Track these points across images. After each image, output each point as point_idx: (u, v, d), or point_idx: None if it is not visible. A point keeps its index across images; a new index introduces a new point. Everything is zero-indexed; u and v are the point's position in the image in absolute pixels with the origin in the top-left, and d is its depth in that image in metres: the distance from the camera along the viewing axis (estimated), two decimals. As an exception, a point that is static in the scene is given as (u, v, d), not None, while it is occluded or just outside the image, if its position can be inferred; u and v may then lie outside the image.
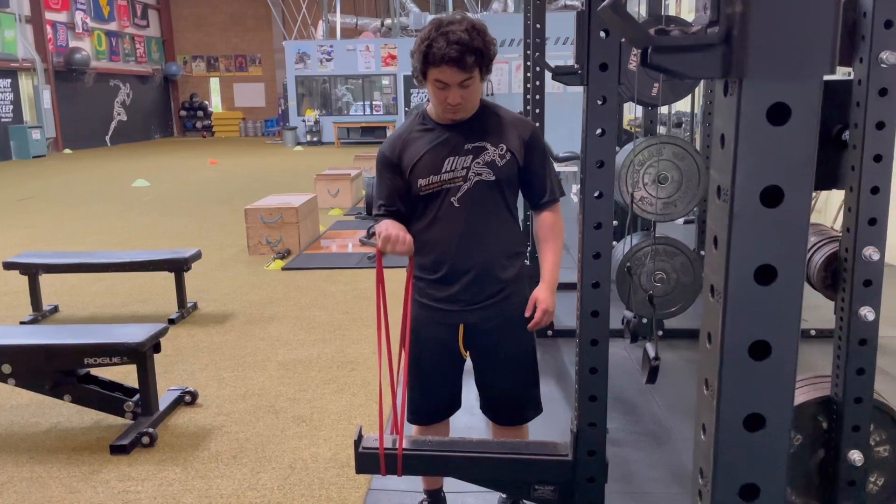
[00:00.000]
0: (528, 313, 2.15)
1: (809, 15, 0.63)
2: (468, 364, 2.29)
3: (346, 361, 4.04)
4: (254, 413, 3.43)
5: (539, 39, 4.19)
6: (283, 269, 6.31)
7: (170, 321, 4.72)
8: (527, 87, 4.48)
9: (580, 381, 1.91)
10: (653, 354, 2.75)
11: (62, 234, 8.13)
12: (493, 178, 2.07)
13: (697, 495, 0.80)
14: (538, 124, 4.25)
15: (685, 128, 8.22)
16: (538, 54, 4.01)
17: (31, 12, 19.73)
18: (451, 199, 2.08)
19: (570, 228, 2.58)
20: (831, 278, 1.89)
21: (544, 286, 2.16)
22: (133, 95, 25.21)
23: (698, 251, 5.06)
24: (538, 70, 4.28)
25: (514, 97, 11.79)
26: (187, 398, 3.54)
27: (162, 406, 3.36)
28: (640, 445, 3.08)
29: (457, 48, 1.91)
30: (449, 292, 2.14)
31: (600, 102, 1.75)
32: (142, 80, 25.90)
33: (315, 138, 21.63)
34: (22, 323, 4.80)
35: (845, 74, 1.79)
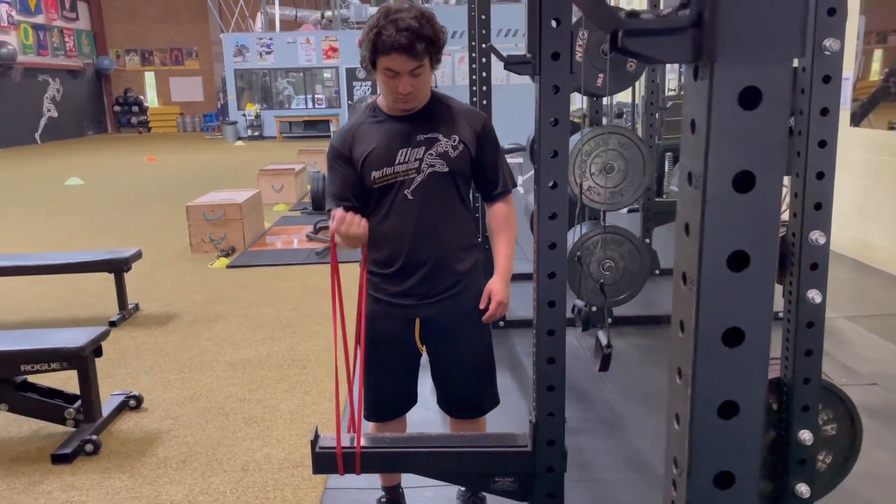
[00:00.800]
0: (482, 305, 2.14)
1: (780, -3, 0.62)
2: (423, 358, 2.26)
3: (296, 359, 3.97)
4: (202, 415, 3.34)
5: (484, 31, 4.18)
6: (228, 266, 6.18)
7: (111, 324, 4.57)
8: (472, 78, 4.47)
9: (538, 372, 1.90)
10: (605, 342, 2.77)
11: (-8, 237, 7.79)
12: (447, 170, 2.05)
13: (672, 485, 0.79)
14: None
15: (626, 118, 8.35)
16: (489, 43, 3.98)
17: (-49, 4, 18.82)
18: (405, 192, 2.05)
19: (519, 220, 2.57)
20: (778, 263, 1.92)
21: (498, 278, 2.15)
22: (63, 91, 24.27)
23: (643, 239, 5.16)
24: (484, 61, 4.27)
25: (458, 89, 11.78)
26: (132, 403, 3.42)
27: (105, 412, 3.24)
28: (595, 433, 3.11)
29: (406, 35, 1.88)
30: (404, 286, 2.11)
31: (553, 92, 1.74)
32: (72, 75, 24.94)
33: (256, 133, 21.24)
34: (-49, 330, 4.58)
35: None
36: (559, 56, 1.72)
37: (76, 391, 3.17)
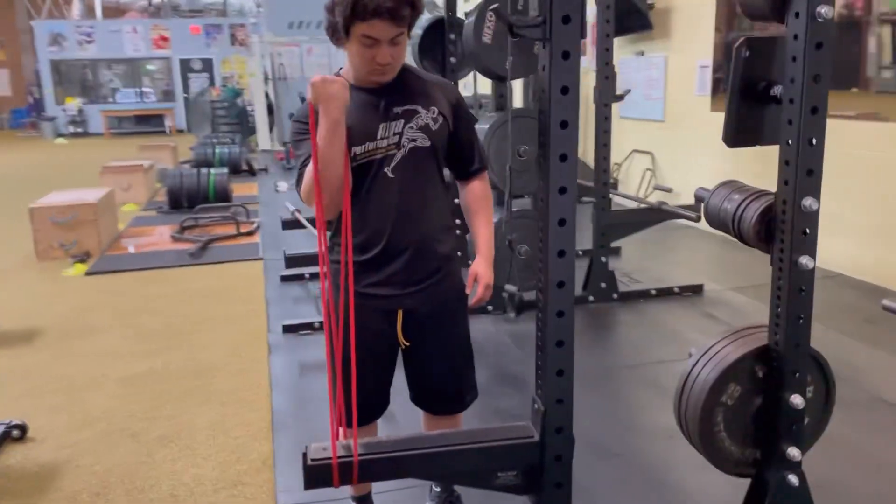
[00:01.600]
0: (468, 290, 2.01)
1: None
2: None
3: (200, 369, 3.60)
4: (105, 440, 2.93)
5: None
6: (87, 273, 5.55)
7: (-39, 345, 3.93)
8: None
9: (545, 356, 1.80)
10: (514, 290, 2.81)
11: None
12: (429, 144, 1.88)
13: None
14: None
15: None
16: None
17: None
18: (385, 170, 1.86)
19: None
20: (765, 231, 1.94)
21: (482, 260, 2.02)
22: None
23: (599, 257, 5.15)
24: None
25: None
26: (15, 433, 2.94)
27: (-15, 447, 2.76)
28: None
29: None
30: (384, 274, 1.92)
31: (563, 58, 1.63)
32: None
33: (80, 129, 19.48)
34: None
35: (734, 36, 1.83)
36: (570, 19, 1.62)
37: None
